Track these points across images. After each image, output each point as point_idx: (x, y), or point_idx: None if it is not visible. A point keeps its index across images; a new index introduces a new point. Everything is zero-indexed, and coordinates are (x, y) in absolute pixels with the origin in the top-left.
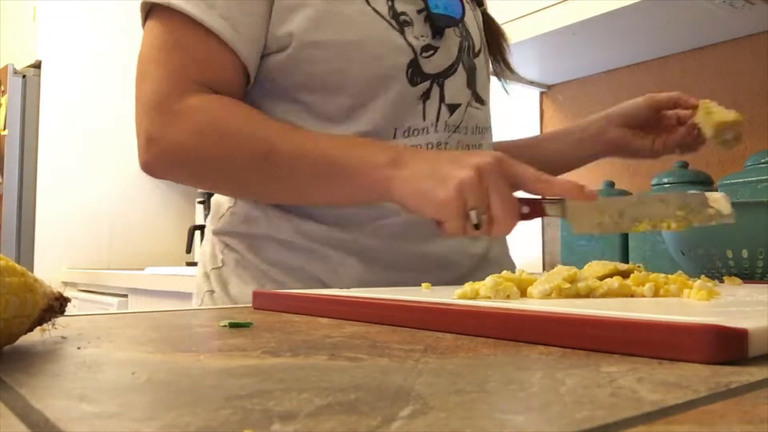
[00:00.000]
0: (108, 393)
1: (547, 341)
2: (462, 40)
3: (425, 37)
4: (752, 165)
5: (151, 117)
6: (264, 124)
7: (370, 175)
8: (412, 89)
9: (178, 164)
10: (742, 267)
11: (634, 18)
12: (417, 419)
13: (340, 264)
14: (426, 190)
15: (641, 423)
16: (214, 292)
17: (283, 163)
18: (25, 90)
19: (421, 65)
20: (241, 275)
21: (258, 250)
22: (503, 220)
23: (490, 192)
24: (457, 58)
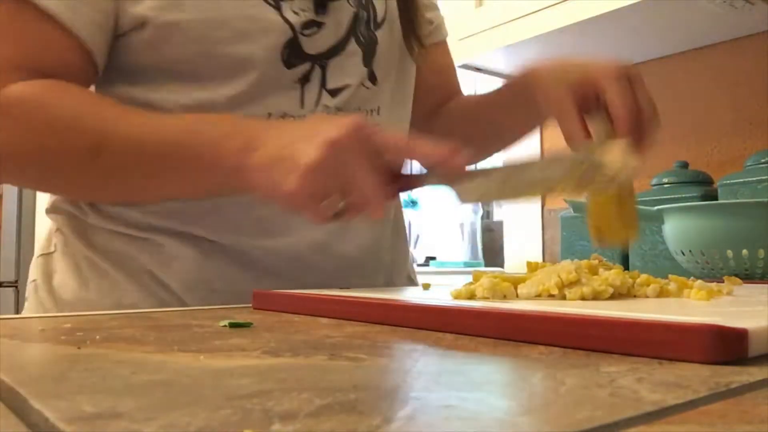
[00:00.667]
0: (108, 393)
1: (547, 341)
2: (358, 10)
3: (307, 12)
4: (752, 165)
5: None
6: (96, 109)
7: (220, 167)
8: (288, 72)
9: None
10: (742, 267)
11: (634, 18)
12: (417, 419)
13: (175, 257)
14: (274, 182)
15: (641, 423)
16: (36, 282)
17: (115, 158)
18: None
19: (302, 45)
20: (68, 263)
21: (84, 233)
22: (368, 201)
23: (347, 172)
24: (348, 33)
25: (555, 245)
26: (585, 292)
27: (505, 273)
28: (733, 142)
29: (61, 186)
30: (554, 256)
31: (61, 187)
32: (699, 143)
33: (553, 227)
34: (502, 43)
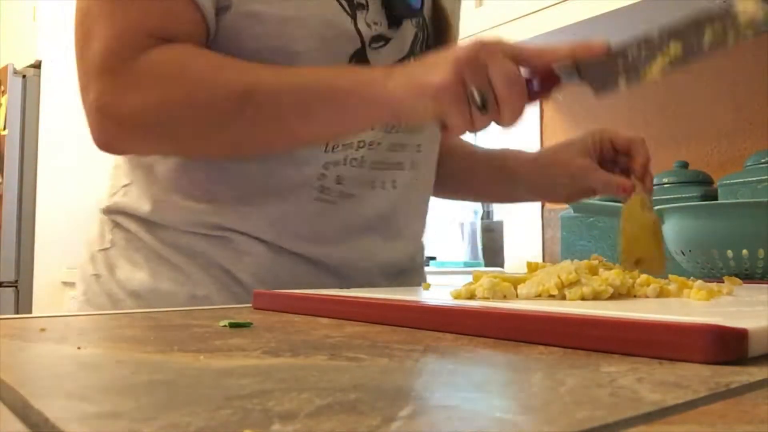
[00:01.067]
0: (108, 393)
1: (547, 341)
2: (418, 31)
3: (378, 26)
4: (752, 165)
5: (102, 84)
6: (236, 65)
7: (367, 93)
8: None
9: (141, 130)
10: (742, 267)
11: (634, 18)
12: (417, 419)
13: (246, 252)
14: (421, 80)
15: (641, 423)
16: (100, 276)
17: (264, 101)
18: (25, 90)
19: (368, 56)
20: (132, 258)
21: (153, 229)
22: (511, 98)
23: (490, 68)
24: (409, 53)
25: (555, 245)
26: (585, 292)
27: (505, 273)
28: (733, 142)
29: (214, 138)
30: (554, 256)
31: (215, 139)
32: (699, 143)
33: (553, 227)
34: None
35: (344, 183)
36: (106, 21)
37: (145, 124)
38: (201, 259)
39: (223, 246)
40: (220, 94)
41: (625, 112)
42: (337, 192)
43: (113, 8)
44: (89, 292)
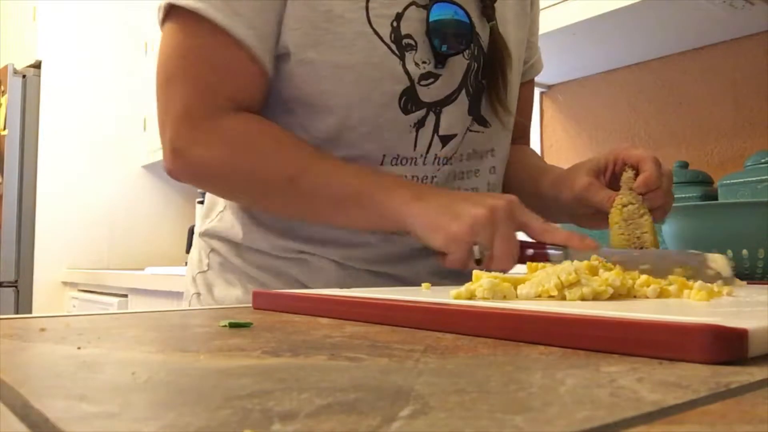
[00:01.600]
0: (108, 393)
1: (547, 341)
2: (471, 61)
3: (427, 64)
4: (752, 165)
5: (178, 129)
6: (294, 147)
7: (391, 207)
8: (405, 117)
9: (203, 178)
10: (742, 267)
11: (634, 18)
12: (417, 419)
13: (320, 268)
14: (440, 223)
15: (641, 423)
16: (200, 294)
17: (308, 187)
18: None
19: (418, 93)
20: (227, 278)
21: (241, 254)
22: (503, 259)
23: (496, 232)
24: (461, 85)
25: None
26: (585, 293)
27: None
28: (733, 142)
29: (260, 202)
30: None
31: (261, 203)
32: (699, 143)
33: None
34: None
35: None
36: (184, 75)
37: (209, 174)
38: (284, 277)
39: (300, 266)
40: (271, 174)
41: (626, 112)
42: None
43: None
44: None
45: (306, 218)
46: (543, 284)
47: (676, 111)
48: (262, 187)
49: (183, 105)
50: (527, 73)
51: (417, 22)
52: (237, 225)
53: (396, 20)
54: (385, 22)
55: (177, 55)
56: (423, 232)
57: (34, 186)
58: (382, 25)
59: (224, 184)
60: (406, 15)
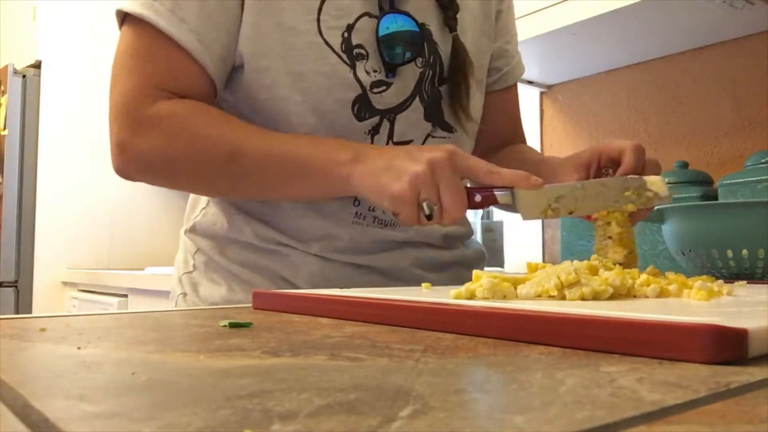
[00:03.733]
0: (108, 393)
1: (547, 341)
2: (425, 69)
3: (378, 72)
4: (752, 165)
5: (120, 123)
6: (230, 126)
7: (333, 172)
8: (359, 123)
9: (149, 169)
10: (742, 267)
11: (634, 18)
12: (417, 419)
13: (302, 263)
14: (382, 184)
15: (641, 423)
16: (186, 294)
17: (248, 163)
18: (25, 90)
19: (371, 100)
20: (212, 277)
21: (224, 251)
22: (453, 209)
23: (440, 184)
24: (414, 92)
25: (555, 245)
26: (585, 293)
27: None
28: (733, 142)
29: (205, 186)
30: (554, 256)
31: (205, 186)
32: (699, 143)
33: (553, 227)
34: None
35: (377, 210)
36: (128, 72)
37: (151, 162)
38: (266, 272)
39: (282, 260)
40: (212, 150)
41: (626, 112)
42: (371, 218)
43: (131, 63)
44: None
45: (253, 195)
46: (543, 284)
47: (676, 111)
48: (202, 168)
49: (122, 99)
50: (505, 79)
51: (368, 32)
52: (221, 216)
53: (347, 31)
54: (336, 33)
55: (124, 54)
56: (369, 196)
57: (34, 186)
58: (333, 36)
59: (168, 172)
60: (357, 26)
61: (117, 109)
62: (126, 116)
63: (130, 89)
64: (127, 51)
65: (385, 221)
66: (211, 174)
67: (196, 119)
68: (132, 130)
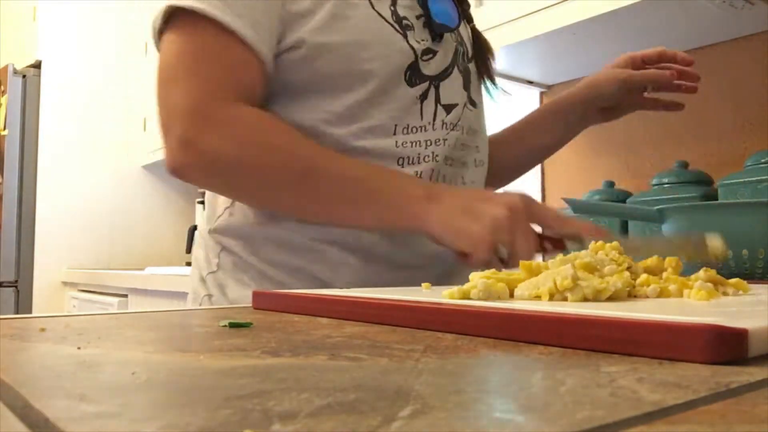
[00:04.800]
0: (108, 393)
1: (547, 341)
2: (457, 45)
3: (425, 41)
4: (752, 165)
5: (187, 121)
6: (305, 143)
7: (406, 206)
8: (410, 90)
9: (214, 171)
10: (742, 267)
11: (634, 18)
12: (417, 419)
13: (341, 263)
14: (461, 226)
15: (641, 423)
16: (212, 296)
17: (321, 183)
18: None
19: (420, 67)
20: (240, 278)
21: (256, 250)
22: (524, 255)
23: (517, 232)
24: (452, 62)
25: None
26: (587, 293)
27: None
28: (733, 142)
29: (269, 199)
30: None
31: (269, 200)
32: (699, 143)
33: None
34: (502, 43)
35: None
36: (188, 72)
37: (216, 165)
38: (301, 274)
39: (319, 260)
40: (287, 164)
41: None
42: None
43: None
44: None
45: (317, 216)
46: (538, 287)
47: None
48: (273, 181)
49: (191, 100)
50: None
51: (409, 8)
52: (251, 214)
53: (393, 4)
54: (385, 5)
55: (180, 57)
56: (444, 236)
57: (34, 186)
58: (383, 8)
59: (234, 177)
60: (399, 2)
61: (180, 108)
62: (194, 115)
63: (197, 90)
64: (182, 51)
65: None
66: (280, 188)
67: (270, 130)
68: (201, 128)
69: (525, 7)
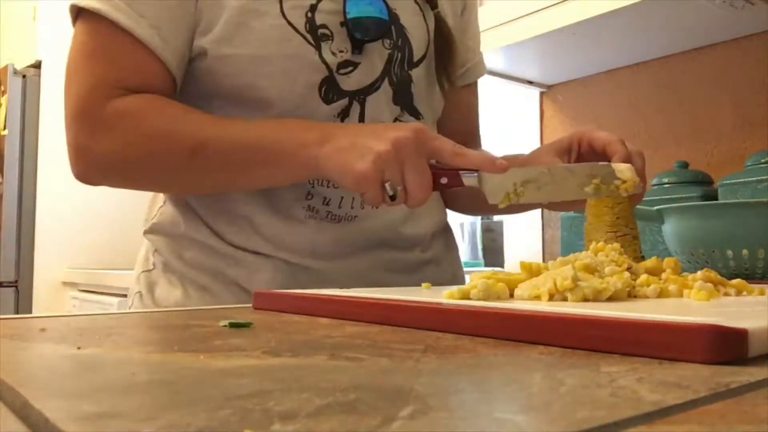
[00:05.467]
0: (108, 393)
1: (547, 341)
2: (393, 51)
3: (344, 53)
4: (752, 165)
5: (77, 126)
6: (190, 118)
7: (301, 155)
8: (327, 107)
9: (109, 173)
10: (742, 267)
11: (634, 18)
12: (417, 419)
13: (257, 270)
14: (346, 163)
15: (641, 423)
16: (141, 294)
17: (213, 155)
18: (25, 90)
19: (338, 82)
20: (169, 278)
21: (180, 253)
22: (417, 191)
23: (405, 165)
24: (382, 74)
25: (555, 245)
26: (587, 293)
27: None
28: (733, 142)
29: (168, 184)
30: (554, 255)
31: (169, 184)
32: (699, 143)
33: (553, 227)
34: (502, 43)
35: (331, 204)
36: (82, 72)
37: (111, 164)
38: (222, 278)
39: (237, 266)
40: (173, 147)
41: (626, 112)
42: (325, 212)
43: (88, 62)
44: (133, 309)
45: (220, 186)
46: (538, 287)
47: (676, 111)
48: (164, 167)
49: (78, 101)
50: (467, 75)
51: (331, 13)
52: (177, 216)
53: (310, 11)
54: (300, 13)
55: (79, 54)
56: (334, 175)
57: (34, 186)
58: (297, 16)
59: (129, 174)
60: (320, 6)
61: (73, 112)
62: (82, 119)
63: (86, 90)
64: (82, 49)
65: (339, 216)
66: (174, 171)
67: (154, 115)
68: (88, 133)
69: (525, 7)
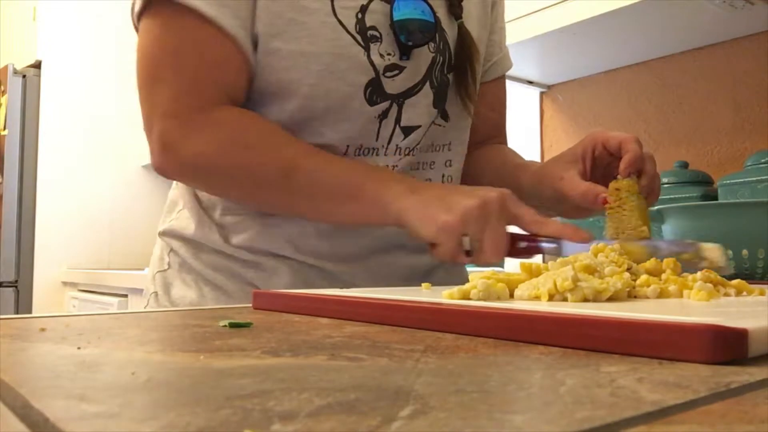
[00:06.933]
0: (108, 393)
1: (547, 341)
2: (437, 55)
3: (392, 56)
4: (752, 165)
5: (168, 124)
6: (287, 141)
7: (385, 202)
8: (370, 108)
9: (194, 173)
10: (742, 267)
11: (634, 18)
12: (417, 419)
13: (273, 272)
14: (432, 214)
15: (641, 423)
16: (157, 294)
17: (303, 181)
18: (25, 90)
19: (383, 85)
20: (185, 278)
21: (198, 254)
22: (492, 251)
23: (487, 224)
24: (424, 77)
25: None
26: (587, 294)
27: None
28: (733, 142)
29: (252, 197)
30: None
31: (258, 199)
32: (699, 143)
33: None
34: None
35: None
36: (173, 69)
37: (198, 166)
38: (238, 279)
39: (255, 268)
40: (268, 164)
41: (626, 112)
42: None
43: (178, 59)
44: (149, 308)
45: (300, 213)
46: (538, 287)
47: (676, 111)
48: (255, 181)
49: (172, 100)
50: (493, 70)
51: (381, 15)
52: (191, 221)
53: (360, 12)
54: (350, 14)
55: (161, 50)
56: (414, 223)
57: (34, 186)
58: (347, 16)
59: (216, 179)
60: (370, 8)
61: (166, 111)
62: (177, 118)
63: (180, 92)
64: (164, 46)
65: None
66: (261, 187)
67: (251, 130)
68: (181, 132)
69: (525, 7)
